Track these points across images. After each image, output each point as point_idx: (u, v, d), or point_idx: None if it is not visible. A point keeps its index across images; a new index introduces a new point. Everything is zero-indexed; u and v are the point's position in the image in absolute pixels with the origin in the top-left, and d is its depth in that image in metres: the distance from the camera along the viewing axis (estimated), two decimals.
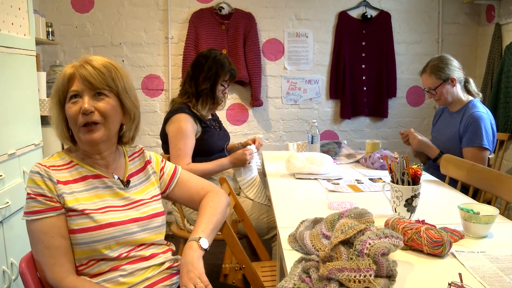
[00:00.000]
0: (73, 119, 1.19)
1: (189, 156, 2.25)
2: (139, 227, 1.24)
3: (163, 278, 1.28)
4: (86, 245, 1.16)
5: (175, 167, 1.46)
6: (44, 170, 1.17)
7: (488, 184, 1.85)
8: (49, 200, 1.15)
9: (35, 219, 1.14)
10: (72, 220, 1.16)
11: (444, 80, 2.38)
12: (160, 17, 3.57)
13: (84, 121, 1.19)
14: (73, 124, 1.20)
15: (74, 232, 1.16)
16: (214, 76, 2.33)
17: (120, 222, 1.20)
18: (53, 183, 1.16)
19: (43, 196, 1.15)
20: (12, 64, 2.06)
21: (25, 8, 2.21)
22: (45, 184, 1.15)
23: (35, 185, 1.15)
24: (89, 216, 1.17)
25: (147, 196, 1.32)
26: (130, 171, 1.33)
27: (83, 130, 1.20)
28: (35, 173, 1.16)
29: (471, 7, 3.72)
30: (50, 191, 1.15)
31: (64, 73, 1.21)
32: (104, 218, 1.18)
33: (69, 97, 1.20)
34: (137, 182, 1.33)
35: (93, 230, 1.16)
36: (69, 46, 3.53)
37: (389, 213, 1.52)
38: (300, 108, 3.78)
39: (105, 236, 1.17)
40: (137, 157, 1.38)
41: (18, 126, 2.10)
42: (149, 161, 1.39)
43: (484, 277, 1.05)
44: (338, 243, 1.04)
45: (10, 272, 1.93)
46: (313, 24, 3.69)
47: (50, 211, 1.14)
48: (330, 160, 2.20)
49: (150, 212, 1.29)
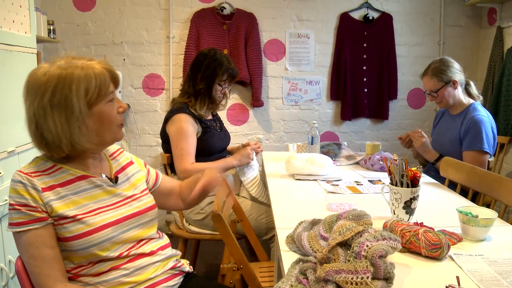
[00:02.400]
0: (113, 119, 1.19)
1: (192, 156, 2.22)
2: (133, 223, 1.24)
3: (166, 278, 1.28)
4: (83, 250, 1.14)
5: (157, 173, 1.49)
6: (26, 178, 1.10)
7: (488, 187, 1.84)
8: (33, 211, 1.09)
9: (20, 231, 1.09)
10: (64, 228, 1.12)
11: (446, 83, 2.37)
12: (162, 16, 3.57)
13: (122, 120, 1.21)
14: (108, 124, 1.18)
15: (68, 240, 1.13)
16: (210, 76, 2.29)
17: (114, 222, 1.19)
18: (38, 191, 1.10)
19: (27, 206, 1.09)
20: (13, 61, 2.06)
21: (26, 6, 2.21)
22: (29, 194, 1.09)
23: (17, 195, 1.09)
24: (81, 221, 1.14)
25: (138, 191, 1.31)
26: (115, 169, 1.32)
27: (118, 129, 1.21)
28: (17, 182, 1.10)
29: (473, 10, 3.71)
30: (34, 200, 1.09)
31: (102, 72, 1.15)
32: (97, 220, 1.16)
33: (108, 100, 1.17)
34: (124, 179, 1.31)
35: (88, 235, 1.13)
36: (70, 44, 3.53)
37: (388, 215, 1.52)
38: (301, 109, 3.78)
39: (101, 239, 1.15)
40: (118, 156, 1.37)
41: (17, 123, 2.09)
42: (132, 162, 1.39)
43: (482, 280, 1.05)
44: (335, 245, 1.03)
45: (8, 270, 1.93)
46: (314, 25, 3.68)
47: (34, 223, 1.09)
48: (329, 161, 2.20)
49: (143, 206, 1.29)
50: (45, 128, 1.11)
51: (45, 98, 1.09)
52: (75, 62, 1.14)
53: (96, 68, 1.15)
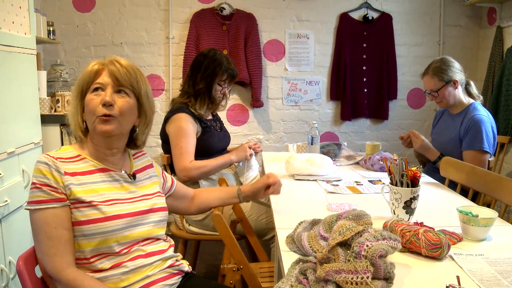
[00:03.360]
0: (92, 109, 1.22)
1: (191, 154, 2.23)
2: (143, 219, 1.28)
3: (164, 277, 1.29)
4: (93, 236, 1.17)
5: (172, 178, 1.55)
6: (52, 160, 1.18)
7: (488, 187, 1.84)
8: (54, 191, 1.16)
9: (38, 208, 1.15)
10: (79, 211, 1.17)
11: (447, 82, 2.37)
12: (162, 17, 3.57)
13: (103, 112, 1.22)
14: (90, 115, 1.23)
15: (81, 224, 1.17)
16: (210, 76, 2.31)
17: (126, 215, 1.23)
18: (60, 174, 1.17)
19: (48, 186, 1.15)
20: (13, 62, 2.06)
21: (26, 7, 2.21)
22: (52, 175, 1.16)
23: (41, 174, 1.16)
24: (96, 208, 1.19)
25: (153, 191, 1.37)
26: (136, 168, 1.38)
27: (99, 120, 1.23)
28: (43, 163, 1.17)
29: (473, 9, 3.71)
30: (56, 182, 1.16)
31: (92, 67, 1.26)
32: (111, 210, 1.21)
33: (92, 89, 1.23)
34: (142, 178, 1.38)
35: (100, 222, 1.18)
36: (70, 45, 3.53)
37: (388, 215, 1.52)
38: (301, 109, 3.78)
39: (112, 228, 1.19)
40: (140, 157, 1.45)
41: (18, 124, 2.10)
42: (151, 165, 1.46)
43: (482, 280, 1.04)
44: (335, 245, 1.03)
45: (8, 270, 1.93)
46: (314, 25, 3.68)
47: (54, 202, 1.15)
48: (329, 161, 2.20)
49: (154, 206, 1.33)
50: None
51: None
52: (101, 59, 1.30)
53: (97, 63, 1.26)
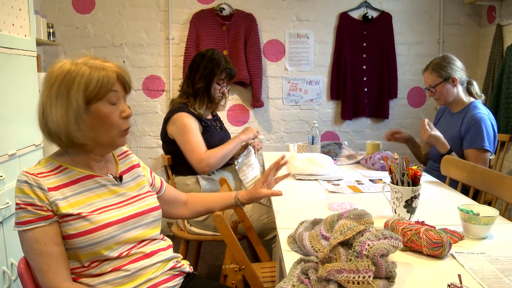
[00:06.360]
0: (115, 124, 1.19)
1: (203, 146, 2.25)
2: (136, 222, 1.25)
3: (166, 279, 1.28)
4: (86, 248, 1.15)
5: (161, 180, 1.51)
6: (32, 178, 1.13)
7: (489, 185, 1.84)
8: (39, 209, 1.12)
9: (27, 229, 1.12)
10: (69, 225, 1.14)
11: (445, 79, 2.37)
12: (161, 18, 3.57)
13: (127, 126, 1.21)
14: (109, 128, 1.18)
15: (72, 237, 1.14)
16: (209, 75, 2.32)
17: (117, 221, 1.20)
18: (44, 191, 1.13)
19: (33, 205, 1.11)
20: (13, 64, 2.07)
21: (26, 9, 2.21)
22: (34, 193, 1.12)
23: (23, 194, 1.12)
24: (86, 219, 1.15)
25: (142, 191, 1.34)
26: (121, 169, 1.34)
27: (121, 134, 1.21)
28: (23, 182, 1.13)
29: (472, 8, 3.71)
30: (40, 200, 1.12)
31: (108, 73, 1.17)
32: (101, 218, 1.18)
33: (108, 98, 1.17)
34: (129, 179, 1.34)
35: (92, 232, 1.15)
36: (70, 47, 3.53)
37: (389, 214, 1.52)
38: (301, 109, 3.78)
39: (104, 237, 1.17)
40: (125, 158, 1.39)
41: (18, 126, 2.10)
42: (138, 165, 1.41)
43: (484, 278, 1.05)
44: (337, 244, 1.03)
45: (10, 272, 1.94)
46: (314, 25, 3.68)
47: (41, 221, 1.12)
48: (330, 161, 2.20)
49: (147, 206, 1.30)
50: (49, 117, 1.16)
51: (53, 88, 1.15)
52: (91, 61, 1.18)
53: (104, 69, 1.17)
